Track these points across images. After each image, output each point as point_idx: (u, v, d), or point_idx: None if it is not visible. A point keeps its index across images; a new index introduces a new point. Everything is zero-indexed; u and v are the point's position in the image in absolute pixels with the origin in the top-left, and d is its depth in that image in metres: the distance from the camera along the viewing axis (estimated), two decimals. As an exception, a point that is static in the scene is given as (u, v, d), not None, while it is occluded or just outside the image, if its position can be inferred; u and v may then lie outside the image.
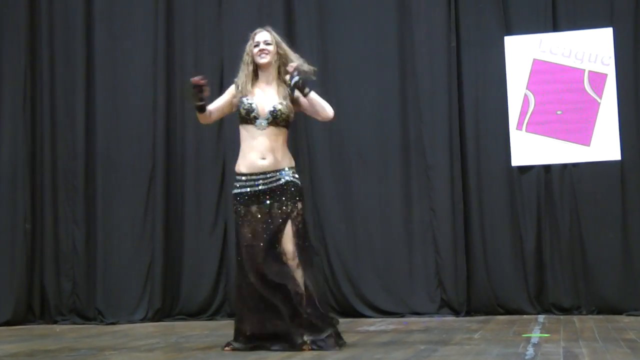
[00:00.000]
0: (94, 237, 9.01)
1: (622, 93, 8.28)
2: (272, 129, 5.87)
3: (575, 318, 7.82)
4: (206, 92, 5.85)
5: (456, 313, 8.37)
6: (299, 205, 5.88)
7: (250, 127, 5.90)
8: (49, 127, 9.14)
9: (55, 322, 8.88)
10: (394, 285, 8.59)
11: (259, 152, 5.85)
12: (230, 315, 8.74)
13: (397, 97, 8.73)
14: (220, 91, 8.85)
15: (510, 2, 8.57)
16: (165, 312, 8.87)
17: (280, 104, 5.89)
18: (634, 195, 8.21)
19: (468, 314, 8.37)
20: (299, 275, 5.77)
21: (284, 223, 5.81)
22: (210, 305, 8.87)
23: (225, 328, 7.77)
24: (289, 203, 5.84)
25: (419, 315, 8.38)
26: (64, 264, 9.02)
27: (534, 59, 8.48)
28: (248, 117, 5.87)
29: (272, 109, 5.87)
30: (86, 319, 8.89)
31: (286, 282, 5.73)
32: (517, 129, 8.45)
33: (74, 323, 8.84)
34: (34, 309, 8.99)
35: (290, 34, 8.86)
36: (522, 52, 8.49)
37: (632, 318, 7.73)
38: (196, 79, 5.82)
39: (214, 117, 6.10)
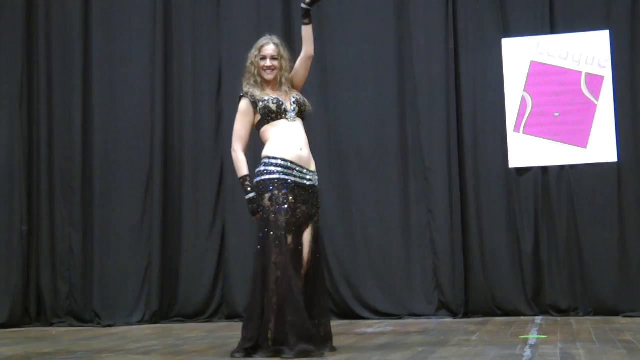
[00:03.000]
0: (90, 238, 8.99)
1: (619, 95, 8.28)
2: (299, 122, 5.88)
3: (572, 319, 7.83)
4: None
5: (454, 314, 8.37)
6: (318, 211, 5.86)
7: (281, 122, 5.82)
8: (46, 128, 9.13)
9: (52, 325, 8.86)
10: (392, 287, 8.59)
11: (297, 143, 5.80)
12: (228, 317, 8.76)
13: (395, 99, 8.73)
14: (218, 94, 8.99)
15: (508, 5, 8.58)
16: (162, 314, 8.86)
17: (298, 95, 5.95)
18: (631, 196, 8.22)
19: (466, 315, 8.36)
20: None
21: (306, 225, 5.76)
22: (208, 307, 8.86)
23: (223, 330, 7.78)
24: (313, 206, 5.80)
25: (416, 317, 8.38)
26: (60, 266, 9.00)
27: (532, 61, 8.48)
28: (280, 110, 5.80)
29: (293, 99, 5.90)
30: (83, 321, 8.87)
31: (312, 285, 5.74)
32: (514, 130, 8.45)
33: (71, 325, 8.82)
34: (30, 311, 8.97)
35: (288, 36, 8.86)
36: (519, 54, 8.50)
37: (628, 319, 7.74)
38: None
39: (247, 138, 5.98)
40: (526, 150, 8.40)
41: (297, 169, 5.75)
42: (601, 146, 8.26)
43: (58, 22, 9.24)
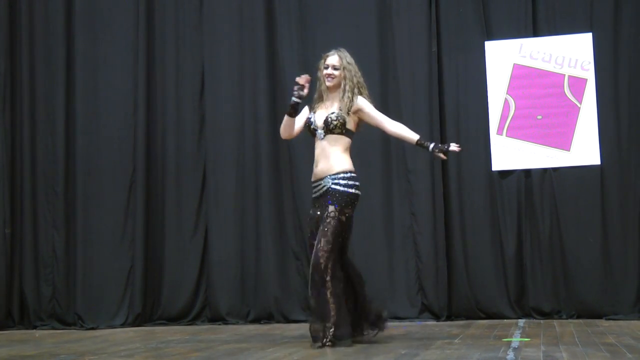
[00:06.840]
0: (73, 241, 8.96)
1: (602, 98, 8.31)
2: (329, 138, 6.36)
3: (555, 322, 7.85)
4: (305, 92, 6.27)
5: (437, 317, 8.37)
6: (330, 207, 6.24)
7: (315, 140, 6.44)
8: (29, 131, 9.09)
9: (35, 328, 8.83)
10: (375, 290, 8.50)
11: (315, 161, 6.42)
12: (211, 320, 8.75)
13: (378, 101, 8.62)
14: (201, 97, 8.99)
15: (491, 8, 8.59)
16: (145, 317, 8.84)
17: (332, 113, 6.34)
18: (613, 199, 8.25)
19: (449, 318, 8.37)
20: None
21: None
22: (191, 310, 8.85)
23: (206, 333, 7.77)
24: (325, 208, 6.29)
25: (399, 320, 8.37)
26: (43, 268, 8.97)
27: (514, 64, 8.50)
28: (309, 130, 6.45)
29: (325, 118, 6.34)
30: (66, 324, 8.84)
31: None
32: (497, 133, 8.47)
33: (54, 328, 8.79)
34: (13, 314, 8.93)
35: (270, 39, 8.89)
36: (502, 57, 8.52)
37: (611, 322, 7.76)
38: (300, 78, 6.27)
39: (296, 131, 6.52)
40: (509, 153, 8.42)
41: (314, 184, 6.39)
42: (584, 149, 8.28)
43: (41, 25, 9.20)
